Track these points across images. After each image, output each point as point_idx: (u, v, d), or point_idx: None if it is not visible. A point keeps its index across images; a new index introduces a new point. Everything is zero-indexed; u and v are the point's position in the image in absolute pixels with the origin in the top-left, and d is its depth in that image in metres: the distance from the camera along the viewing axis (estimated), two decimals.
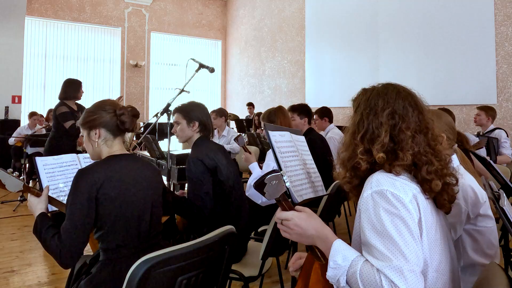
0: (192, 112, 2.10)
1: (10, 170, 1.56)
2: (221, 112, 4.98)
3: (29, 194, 1.55)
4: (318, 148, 2.93)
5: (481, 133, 4.30)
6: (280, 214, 1.01)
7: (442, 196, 1.03)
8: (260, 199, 2.30)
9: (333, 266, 0.93)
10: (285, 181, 0.98)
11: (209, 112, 2.24)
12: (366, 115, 1.06)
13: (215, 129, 5.15)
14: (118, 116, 1.53)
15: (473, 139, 3.79)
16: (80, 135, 1.61)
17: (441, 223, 1.04)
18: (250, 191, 2.29)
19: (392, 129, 1.03)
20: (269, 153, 2.61)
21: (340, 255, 0.93)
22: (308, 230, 0.99)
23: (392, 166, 0.99)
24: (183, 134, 2.12)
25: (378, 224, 0.92)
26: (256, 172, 2.47)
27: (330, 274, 0.93)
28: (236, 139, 2.70)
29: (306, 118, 3.31)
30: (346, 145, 1.10)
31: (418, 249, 0.90)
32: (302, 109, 3.31)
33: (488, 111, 4.25)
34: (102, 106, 1.56)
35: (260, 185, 0.96)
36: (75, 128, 3.54)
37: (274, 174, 0.96)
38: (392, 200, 0.93)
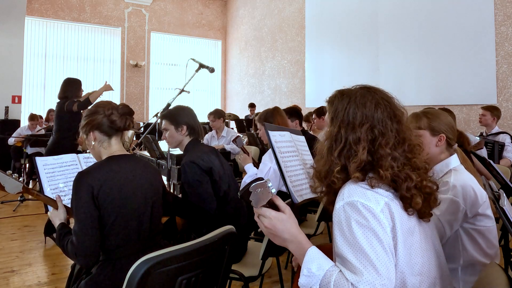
0: (178, 116, 2.10)
1: (10, 172, 1.57)
2: (219, 114, 4.93)
3: (51, 208, 1.61)
4: (313, 149, 2.93)
5: (484, 134, 4.28)
6: (258, 209, 1.00)
7: (424, 208, 1.01)
8: None
9: (306, 274, 0.92)
10: (271, 187, 0.97)
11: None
12: (344, 129, 1.03)
13: (213, 130, 5.13)
14: (107, 116, 1.56)
15: (473, 140, 3.78)
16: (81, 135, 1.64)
17: (421, 224, 1.03)
18: None
19: (371, 145, 1.00)
20: (266, 154, 2.61)
21: (315, 263, 0.92)
22: (283, 233, 0.98)
23: (369, 178, 0.97)
24: (172, 139, 2.12)
25: (350, 237, 0.91)
26: (252, 171, 2.47)
27: (302, 281, 0.93)
28: (234, 141, 2.69)
29: (297, 120, 3.30)
30: (324, 160, 1.07)
31: (390, 262, 0.90)
32: (291, 112, 3.30)
33: (493, 111, 4.19)
34: (94, 109, 1.59)
35: (245, 193, 0.95)
36: (82, 105, 3.58)
37: (259, 182, 0.95)
38: (363, 211, 0.92)
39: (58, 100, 3.68)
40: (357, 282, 0.87)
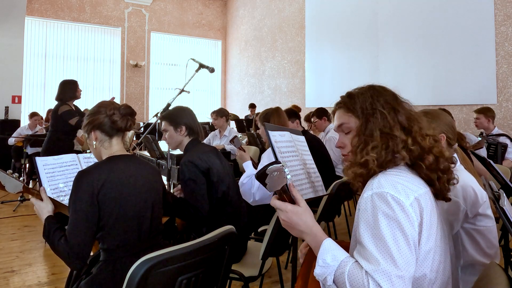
0: (177, 117, 2.11)
1: (10, 171, 1.57)
2: (222, 112, 4.98)
3: (34, 199, 1.56)
4: (315, 148, 2.94)
5: (484, 134, 4.27)
6: (275, 202, 1.02)
7: (438, 182, 1.05)
8: (251, 198, 2.31)
9: (321, 264, 0.94)
10: (286, 172, 0.96)
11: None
12: (380, 115, 1.06)
13: (217, 129, 5.15)
14: (109, 117, 1.56)
15: (474, 139, 3.78)
16: (81, 134, 1.64)
17: (441, 224, 1.04)
18: (242, 188, 2.29)
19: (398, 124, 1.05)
20: (265, 153, 2.61)
21: (330, 254, 0.94)
22: (299, 226, 1.00)
23: (395, 159, 1.02)
24: (172, 140, 2.13)
25: (374, 226, 0.92)
26: (249, 170, 2.48)
27: (317, 271, 0.95)
28: (232, 141, 2.69)
29: (298, 120, 3.35)
30: (358, 141, 1.08)
31: (411, 256, 0.90)
32: (290, 113, 3.36)
33: (486, 113, 4.17)
34: (97, 108, 1.59)
35: (261, 176, 0.95)
36: (81, 123, 3.63)
37: (276, 166, 0.95)
38: (392, 203, 0.92)
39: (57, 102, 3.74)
40: (373, 271, 0.87)
